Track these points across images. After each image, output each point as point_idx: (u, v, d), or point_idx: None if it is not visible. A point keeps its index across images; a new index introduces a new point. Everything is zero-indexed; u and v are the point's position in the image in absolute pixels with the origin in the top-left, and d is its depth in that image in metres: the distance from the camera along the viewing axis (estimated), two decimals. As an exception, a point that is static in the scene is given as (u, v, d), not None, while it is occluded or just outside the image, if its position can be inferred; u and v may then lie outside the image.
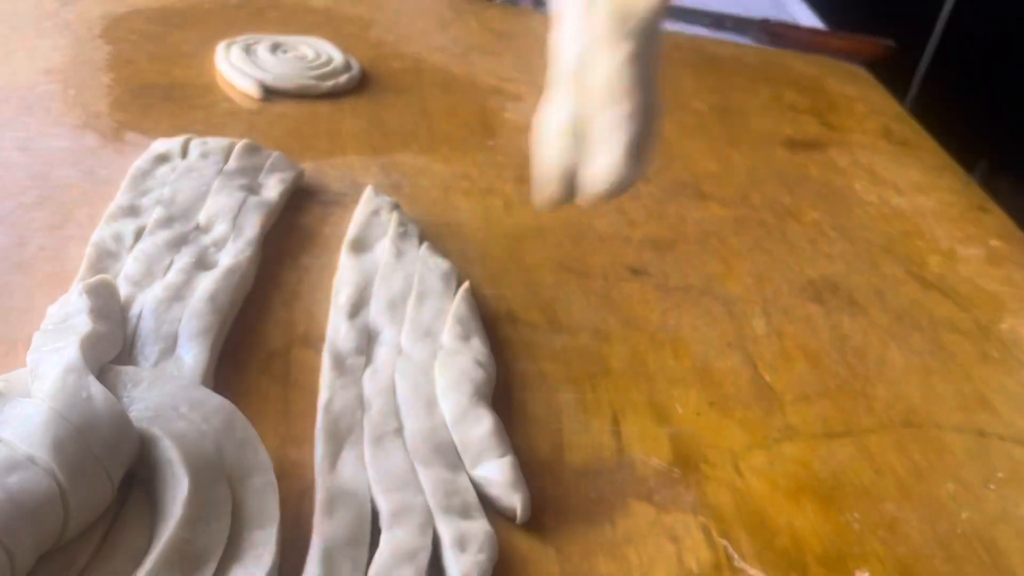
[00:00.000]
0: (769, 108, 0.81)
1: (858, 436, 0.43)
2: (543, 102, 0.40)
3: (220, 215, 0.47)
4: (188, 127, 0.57)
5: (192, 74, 0.65)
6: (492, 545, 0.33)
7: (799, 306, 0.52)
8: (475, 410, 0.38)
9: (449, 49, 0.79)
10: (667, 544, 0.35)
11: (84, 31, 0.68)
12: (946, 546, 0.38)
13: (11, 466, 0.27)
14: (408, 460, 0.35)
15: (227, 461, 0.32)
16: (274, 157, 0.53)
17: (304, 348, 0.41)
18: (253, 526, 0.30)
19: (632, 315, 0.49)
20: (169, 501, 0.30)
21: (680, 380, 0.45)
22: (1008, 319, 0.55)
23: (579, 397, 0.42)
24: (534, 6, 0.96)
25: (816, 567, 0.36)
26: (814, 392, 0.46)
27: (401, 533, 0.32)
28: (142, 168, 0.50)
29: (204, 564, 0.29)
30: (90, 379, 0.31)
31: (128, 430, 0.31)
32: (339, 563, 0.31)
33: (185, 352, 0.37)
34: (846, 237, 0.61)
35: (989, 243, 0.64)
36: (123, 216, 0.46)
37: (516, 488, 0.35)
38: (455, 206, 0.55)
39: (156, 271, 0.42)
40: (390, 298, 0.44)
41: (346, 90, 0.67)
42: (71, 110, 0.57)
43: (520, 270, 0.51)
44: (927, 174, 0.74)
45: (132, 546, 0.29)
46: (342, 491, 0.33)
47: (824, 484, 0.40)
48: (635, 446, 0.40)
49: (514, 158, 0.63)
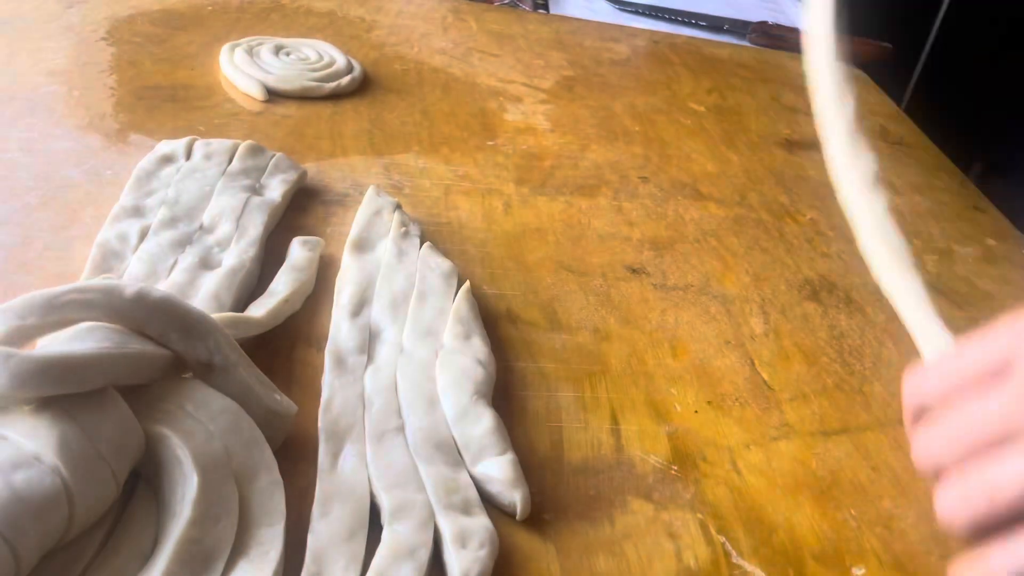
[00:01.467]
0: (766, 109, 0.81)
1: (855, 434, 0.43)
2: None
3: (224, 215, 0.47)
4: (192, 128, 0.57)
5: (196, 76, 0.65)
6: (492, 541, 0.33)
7: (796, 305, 0.53)
8: (476, 408, 0.38)
9: (450, 51, 0.79)
10: (666, 541, 0.36)
11: (88, 33, 0.68)
12: (942, 543, 0.39)
13: (17, 464, 0.27)
14: (409, 457, 0.36)
15: (234, 460, 0.32)
16: (277, 158, 0.53)
17: (306, 347, 0.42)
18: (260, 524, 0.31)
19: (631, 314, 0.49)
20: (177, 499, 0.30)
21: (678, 378, 0.45)
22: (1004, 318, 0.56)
23: (578, 395, 0.43)
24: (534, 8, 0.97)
25: (813, 564, 0.36)
26: (811, 390, 0.46)
27: (402, 529, 0.32)
28: (146, 169, 0.50)
29: (213, 562, 0.29)
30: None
31: (133, 429, 0.31)
32: (332, 559, 0.31)
33: (189, 351, 0.38)
34: (843, 236, 0.61)
35: (985, 242, 0.64)
36: (127, 216, 0.46)
37: (516, 485, 0.35)
38: (456, 206, 0.56)
39: (160, 271, 0.43)
40: (392, 297, 0.44)
41: (348, 92, 0.67)
42: (75, 111, 0.57)
43: (520, 270, 0.51)
44: (923, 174, 0.74)
45: (137, 543, 0.30)
46: (341, 488, 0.34)
47: (821, 481, 0.40)
48: (634, 444, 0.40)
49: (514, 159, 0.63)
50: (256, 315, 0.40)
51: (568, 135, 0.68)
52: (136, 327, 0.33)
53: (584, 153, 0.66)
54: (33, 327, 0.31)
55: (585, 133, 0.69)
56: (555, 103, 0.73)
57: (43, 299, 0.31)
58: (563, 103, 0.73)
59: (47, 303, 0.31)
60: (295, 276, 0.44)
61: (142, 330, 0.33)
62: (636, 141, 0.69)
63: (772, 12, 1.08)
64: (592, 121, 0.71)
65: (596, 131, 0.70)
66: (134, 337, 0.32)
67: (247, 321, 0.40)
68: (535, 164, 0.63)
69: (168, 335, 0.33)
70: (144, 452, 0.31)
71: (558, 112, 0.71)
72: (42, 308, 0.31)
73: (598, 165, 0.65)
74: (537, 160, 0.64)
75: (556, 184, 0.61)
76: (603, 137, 0.69)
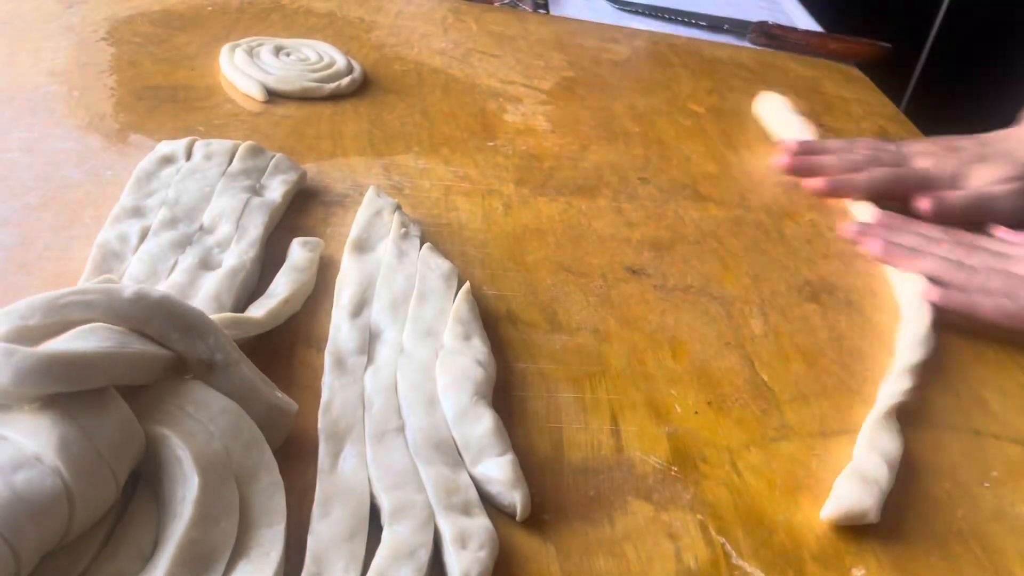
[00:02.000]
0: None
1: (855, 434, 0.43)
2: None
3: (224, 216, 0.47)
4: (192, 129, 0.57)
5: (196, 76, 0.65)
6: (492, 542, 0.33)
7: (796, 306, 0.53)
8: (475, 409, 0.38)
9: (450, 52, 0.80)
10: (665, 542, 0.36)
11: (88, 33, 0.68)
12: (942, 544, 0.39)
13: (17, 464, 0.27)
14: (409, 458, 0.36)
15: (234, 461, 0.32)
16: (277, 158, 0.54)
17: (306, 348, 0.42)
18: (261, 525, 0.31)
19: (631, 315, 0.49)
20: (178, 500, 0.30)
21: (678, 379, 0.45)
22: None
23: (578, 396, 0.43)
24: (534, 9, 0.97)
25: (813, 564, 0.36)
26: (811, 391, 0.46)
27: (402, 530, 0.33)
28: (147, 169, 0.50)
29: (214, 563, 0.29)
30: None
31: (134, 430, 0.31)
32: (332, 560, 0.31)
33: (190, 352, 0.38)
34: (843, 237, 0.61)
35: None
36: (128, 217, 0.46)
37: (516, 486, 0.35)
38: (456, 207, 0.56)
39: (160, 271, 0.43)
40: (392, 298, 0.44)
41: (348, 92, 0.67)
42: (75, 112, 0.57)
43: (520, 270, 0.51)
44: (924, 175, 0.74)
45: (137, 544, 0.30)
46: (341, 488, 0.34)
47: (821, 482, 0.40)
48: (634, 445, 0.40)
49: (514, 159, 0.63)
50: (256, 316, 0.40)
51: (568, 136, 0.68)
52: (136, 327, 0.33)
53: (584, 154, 0.66)
54: (36, 328, 0.31)
55: (585, 134, 0.69)
56: (555, 104, 0.73)
57: (45, 300, 0.31)
58: (563, 104, 0.73)
59: (49, 304, 0.31)
60: (295, 277, 0.44)
61: (142, 330, 0.33)
62: (636, 142, 0.69)
63: (772, 12, 1.08)
64: (592, 122, 0.71)
65: (596, 132, 0.70)
66: (135, 337, 0.32)
67: (247, 322, 0.40)
68: (535, 165, 0.63)
69: (168, 335, 0.33)
70: (145, 453, 0.31)
71: (558, 113, 0.72)
72: (44, 309, 0.31)
73: (598, 166, 0.65)
74: (537, 161, 0.64)
75: (556, 185, 0.61)
76: (603, 138, 0.69)
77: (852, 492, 0.38)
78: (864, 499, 0.38)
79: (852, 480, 0.39)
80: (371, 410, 0.38)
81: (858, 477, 0.39)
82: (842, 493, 0.38)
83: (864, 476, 0.39)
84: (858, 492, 0.38)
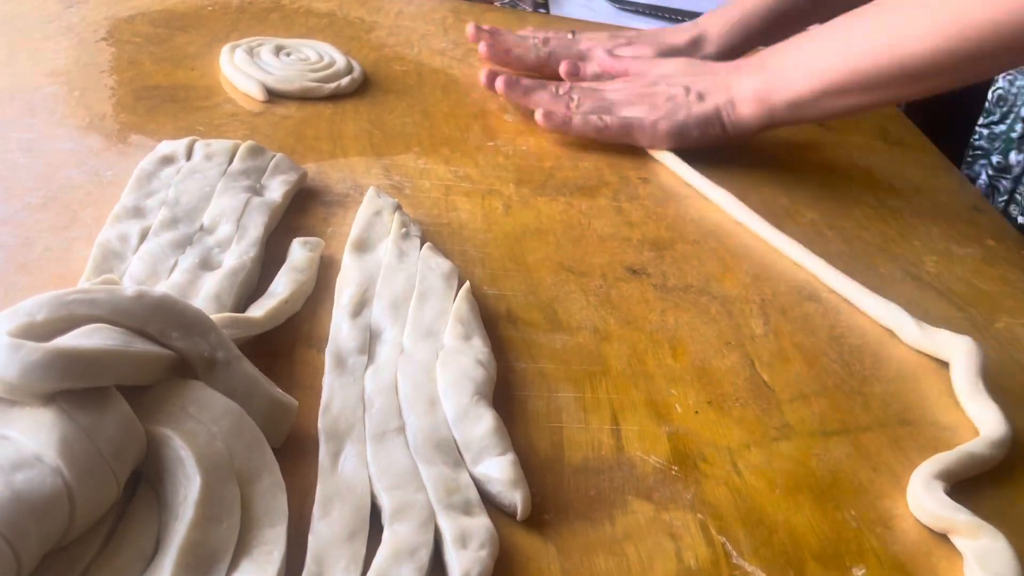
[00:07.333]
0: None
1: (855, 434, 0.43)
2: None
3: (224, 216, 0.47)
4: (192, 129, 0.58)
5: (196, 76, 0.65)
6: (493, 541, 0.33)
7: (796, 306, 0.53)
8: (476, 408, 0.38)
9: (450, 52, 0.80)
10: (666, 541, 0.36)
11: (88, 33, 0.69)
12: (942, 543, 0.39)
13: (18, 464, 0.28)
14: (410, 457, 0.36)
15: (236, 462, 0.32)
16: (277, 158, 0.54)
17: (307, 348, 0.42)
18: (263, 525, 0.31)
19: (631, 315, 0.49)
20: (180, 500, 0.30)
21: (679, 379, 0.45)
22: (1003, 318, 0.56)
23: (579, 396, 0.43)
24: (534, 9, 0.97)
25: (813, 564, 0.36)
26: (811, 391, 0.46)
27: (402, 529, 0.33)
28: (147, 169, 0.50)
29: (217, 563, 0.29)
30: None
31: (135, 430, 0.31)
32: (333, 559, 0.31)
33: (190, 352, 0.38)
34: (843, 237, 0.61)
35: (985, 243, 0.64)
36: (128, 217, 0.46)
37: (517, 485, 0.35)
38: (456, 207, 0.56)
39: (161, 271, 0.43)
40: (392, 298, 0.44)
41: (348, 92, 0.67)
42: (76, 112, 0.57)
43: (520, 270, 0.51)
44: (923, 174, 0.75)
45: (138, 544, 0.30)
46: (341, 488, 0.34)
47: (821, 482, 0.40)
48: (634, 444, 0.40)
49: (514, 159, 0.63)
50: (256, 315, 0.40)
51: (568, 136, 0.68)
52: (138, 326, 0.33)
53: (584, 154, 0.66)
54: (42, 324, 0.31)
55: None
56: (555, 103, 0.73)
57: (51, 297, 0.32)
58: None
59: (54, 301, 0.32)
60: (295, 277, 0.44)
61: (144, 329, 0.33)
62: (636, 141, 0.69)
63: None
64: (592, 121, 0.71)
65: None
66: (137, 338, 0.33)
67: (247, 321, 0.40)
68: (535, 165, 0.63)
69: (169, 334, 0.33)
70: (146, 453, 0.31)
71: (558, 112, 0.71)
72: (50, 305, 0.31)
73: (598, 166, 0.65)
74: (537, 161, 0.64)
75: (556, 185, 0.61)
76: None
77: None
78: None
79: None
80: (371, 410, 0.38)
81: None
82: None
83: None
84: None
